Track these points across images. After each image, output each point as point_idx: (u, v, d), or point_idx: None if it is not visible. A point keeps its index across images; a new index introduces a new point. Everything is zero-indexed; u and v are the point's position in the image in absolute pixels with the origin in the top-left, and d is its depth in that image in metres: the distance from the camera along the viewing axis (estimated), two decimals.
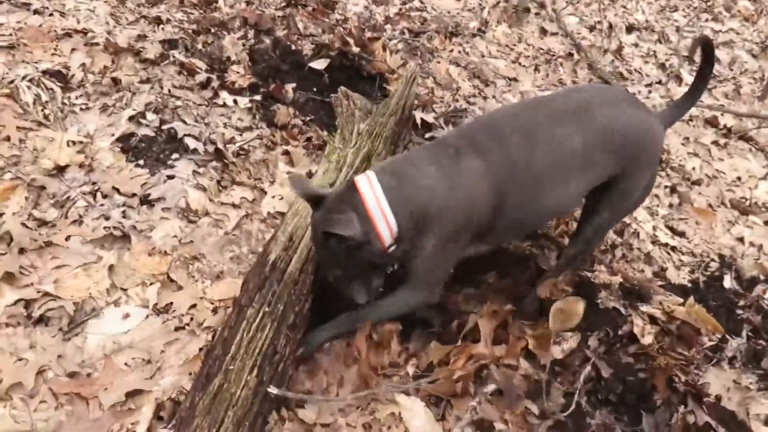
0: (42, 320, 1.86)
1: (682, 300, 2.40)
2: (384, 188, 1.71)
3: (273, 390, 1.65)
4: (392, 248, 1.79)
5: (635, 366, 2.13)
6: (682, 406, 2.00)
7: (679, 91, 4.26)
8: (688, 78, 4.46)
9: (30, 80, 2.59)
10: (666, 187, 3.27)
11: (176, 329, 1.92)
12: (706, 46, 1.95)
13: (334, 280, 1.92)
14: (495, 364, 1.96)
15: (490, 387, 1.91)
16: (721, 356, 2.31)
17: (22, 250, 2.01)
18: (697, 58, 2.17)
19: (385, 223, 1.71)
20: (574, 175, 1.86)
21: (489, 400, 1.89)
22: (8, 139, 2.34)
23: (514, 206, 1.85)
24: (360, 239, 1.70)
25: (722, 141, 3.83)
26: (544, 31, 4.55)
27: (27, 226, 2.08)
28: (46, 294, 1.90)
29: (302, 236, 2.07)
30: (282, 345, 1.80)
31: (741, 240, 3.06)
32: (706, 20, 5.48)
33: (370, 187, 1.71)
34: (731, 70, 4.81)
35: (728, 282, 2.72)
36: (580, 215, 2.21)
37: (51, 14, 3.08)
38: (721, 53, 4.99)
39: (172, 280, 2.07)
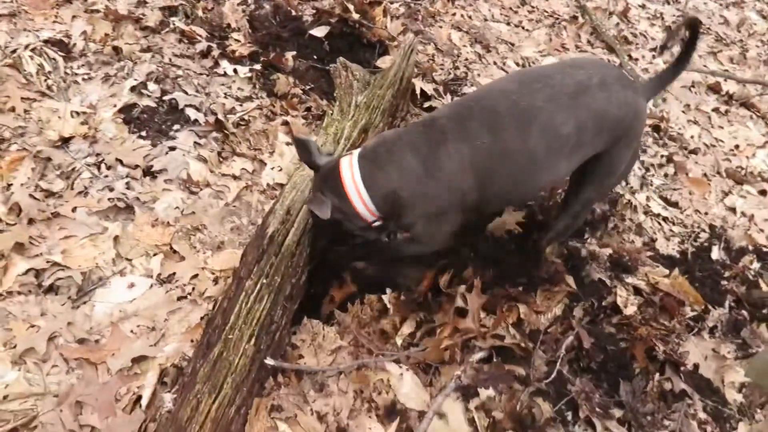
0: (52, 289, 1.97)
1: (667, 272, 2.48)
2: (361, 171, 1.82)
3: (269, 361, 1.77)
4: (377, 223, 1.94)
5: (617, 336, 2.24)
6: (658, 374, 2.11)
7: None
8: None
9: (32, 49, 2.63)
10: (662, 156, 3.29)
11: (179, 299, 2.02)
12: (694, 26, 1.97)
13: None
14: (482, 337, 2.05)
15: (477, 355, 2.02)
16: (703, 326, 2.40)
17: (31, 221, 2.10)
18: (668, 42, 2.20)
19: (362, 203, 1.84)
20: (565, 157, 1.90)
21: (475, 368, 2.00)
22: (13, 109, 2.40)
23: (502, 186, 1.92)
24: (335, 217, 1.83)
25: (723, 108, 3.83)
26: None
27: (35, 197, 2.16)
28: (55, 264, 2.00)
29: (299, 209, 2.14)
30: (279, 315, 1.91)
31: (733, 210, 3.10)
32: None
33: (350, 169, 1.82)
34: (739, 32, 4.73)
35: (716, 253, 2.78)
36: (566, 189, 2.27)
37: None
38: (730, 14, 4.90)
39: (174, 251, 2.16)
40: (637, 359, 2.13)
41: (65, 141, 2.37)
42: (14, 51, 2.61)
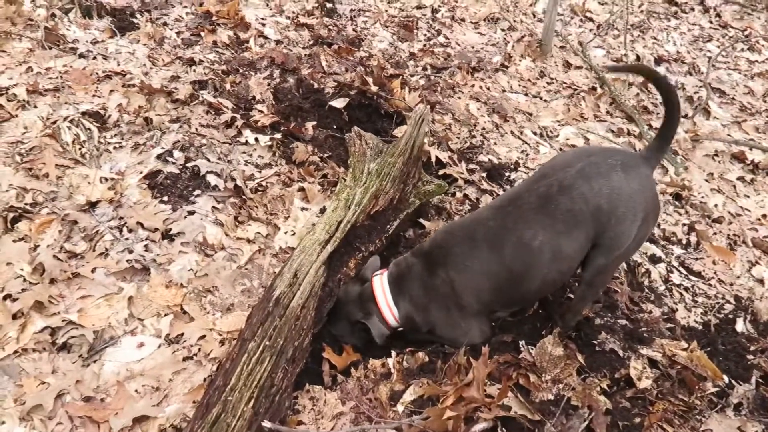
0: (65, 347, 2.03)
1: (686, 344, 2.39)
2: (393, 298, 2.23)
3: (267, 424, 1.76)
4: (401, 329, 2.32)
5: (632, 410, 2.14)
6: None
7: (706, 125, 4.21)
8: (717, 110, 4.42)
9: (71, 121, 2.83)
10: (684, 224, 3.24)
11: (184, 359, 2.06)
12: (659, 84, 2.13)
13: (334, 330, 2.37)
14: (487, 407, 2.00)
15: (479, 426, 1.96)
16: (727, 402, 2.28)
17: (52, 281, 2.20)
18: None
19: (392, 318, 2.24)
20: (547, 265, 2.07)
21: None
22: (47, 176, 2.56)
23: (494, 296, 2.19)
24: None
25: (749, 177, 3.77)
26: (568, 65, 4.59)
27: (58, 258, 2.27)
28: (70, 322, 2.08)
29: (306, 272, 2.19)
30: (279, 378, 1.92)
31: (761, 281, 3.00)
32: (741, 50, 5.40)
33: (383, 294, 2.23)
34: (765, 101, 4.72)
35: (741, 325, 2.67)
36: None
37: (95, 57, 3.36)
38: (755, 84, 4.91)
39: (185, 312, 2.21)
40: None
41: (92, 205, 2.50)
42: (54, 122, 2.81)
